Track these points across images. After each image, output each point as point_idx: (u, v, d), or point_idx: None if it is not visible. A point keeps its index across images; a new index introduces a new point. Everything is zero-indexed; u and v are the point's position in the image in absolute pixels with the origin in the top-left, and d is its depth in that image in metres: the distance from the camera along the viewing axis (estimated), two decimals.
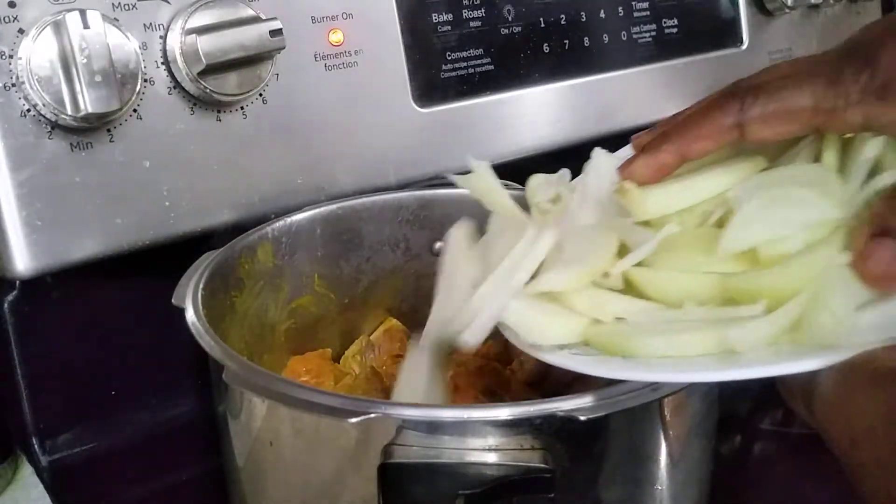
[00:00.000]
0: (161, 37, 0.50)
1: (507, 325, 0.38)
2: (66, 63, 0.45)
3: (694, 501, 0.43)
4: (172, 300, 0.44)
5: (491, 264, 0.40)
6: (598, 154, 0.42)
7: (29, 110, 0.47)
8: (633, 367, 0.34)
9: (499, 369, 0.53)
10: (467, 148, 0.64)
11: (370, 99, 0.59)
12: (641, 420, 0.38)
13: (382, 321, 0.60)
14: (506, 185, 0.60)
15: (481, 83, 0.64)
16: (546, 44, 0.67)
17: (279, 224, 0.54)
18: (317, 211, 0.56)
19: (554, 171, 0.53)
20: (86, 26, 0.45)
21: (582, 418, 0.34)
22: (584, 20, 0.68)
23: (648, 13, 0.72)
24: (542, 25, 0.66)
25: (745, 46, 0.79)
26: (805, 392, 0.31)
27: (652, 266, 0.36)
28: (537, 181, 0.44)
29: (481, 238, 0.44)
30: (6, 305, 0.56)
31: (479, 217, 0.59)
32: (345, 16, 0.57)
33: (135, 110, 0.50)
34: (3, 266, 0.48)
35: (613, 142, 0.72)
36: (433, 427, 0.34)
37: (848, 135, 0.36)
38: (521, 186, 0.60)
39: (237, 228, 0.53)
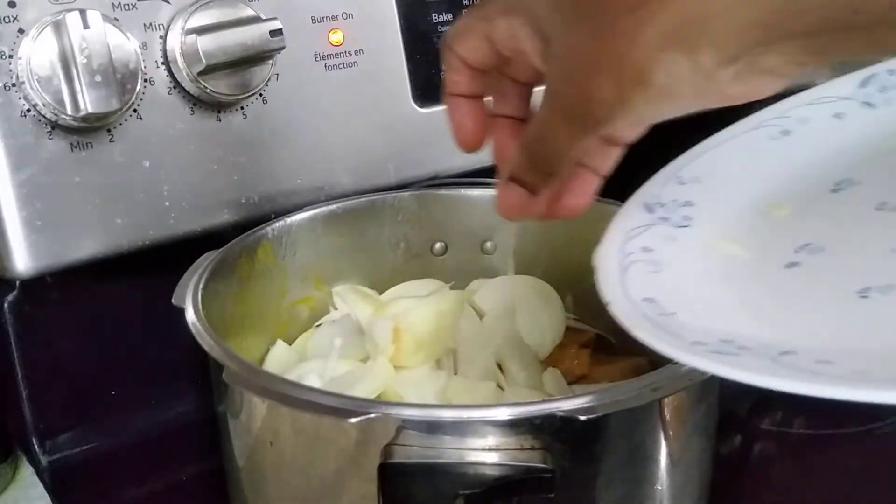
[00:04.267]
0: (161, 37, 0.50)
1: None
2: (66, 63, 0.45)
3: (694, 501, 0.43)
4: (172, 300, 0.44)
5: None
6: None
7: (29, 110, 0.47)
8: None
9: None
10: None
11: (370, 99, 0.59)
12: (641, 420, 0.38)
13: None
14: None
15: None
16: None
17: (279, 224, 0.54)
18: (317, 211, 0.56)
19: None
20: (86, 26, 0.45)
21: (582, 418, 0.34)
22: None
23: None
24: None
25: None
26: None
27: None
28: None
29: None
30: (6, 305, 0.56)
31: (479, 219, 0.60)
32: (345, 16, 0.57)
33: (135, 110, 0.50)
34: (3, 266, 0.48)
35: None
36: (433, 427, 0.34)
37: None
38: None
39: (237, 228, 0.53)
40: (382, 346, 0.48)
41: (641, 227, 0.42)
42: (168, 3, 0.50)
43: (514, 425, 0.34)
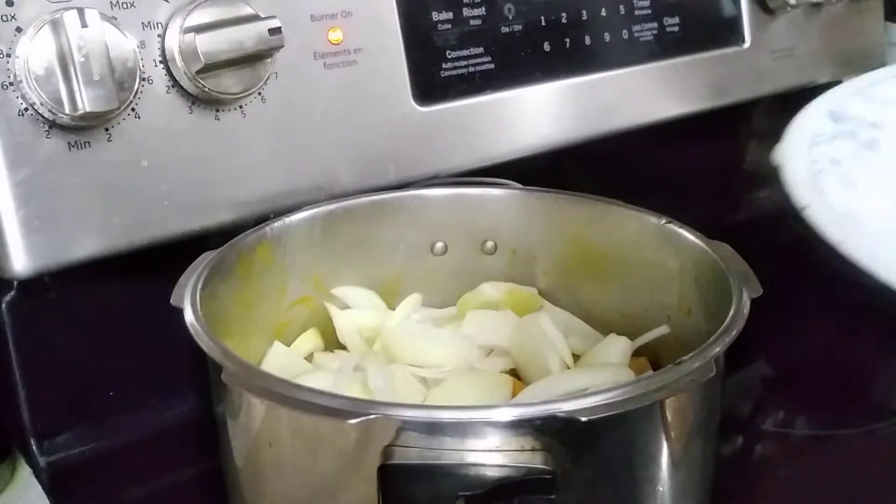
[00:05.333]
0: (159, 35, 0.50)
1: None
2: (64, 62, 0.45)
3: (695, 502, 0.43)
4: (171, 300, 0.44)
5: None
6: None
7: (27, 109, 0.47)
8: None
9: None
10: (468, 147, 0.63)
11: (370, 98, 0.59)
12: (643, 421, 0.37)
13: None
14: (504, 184, 0.60)
15: (482, 82, 0.63)
16: (547, 42, 0.66)
17: (279, 224, 0.54)
18: (317, 211, 0.56)
19: (554, 170, 0.52)
20: (84, 25, 0.45)
21: (583, 419, 0.33)
22: (584, 18, 0.68)
23: (650, 11, 0.72)
24: (543, 24, 0.66)
25: (746, 45, 0.79)
26: None
27: None
28: None
29: None
30: (4, 306, 0.55)
31: (479, 219, 0.59)
32: (344, 14, 0.57)
33: (133, 109, 0.50)
34: (1, 266, 0.48)
35: (614, 141, 0.72)
36: (433, 428, 0.34)
37: None
38: (520, 186, 0.60)
39: (237, 228, 0.53)
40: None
41: (826, 136, 0.41)
42: (167, 1, 0.50)
43: (514, 426, 0.34)
